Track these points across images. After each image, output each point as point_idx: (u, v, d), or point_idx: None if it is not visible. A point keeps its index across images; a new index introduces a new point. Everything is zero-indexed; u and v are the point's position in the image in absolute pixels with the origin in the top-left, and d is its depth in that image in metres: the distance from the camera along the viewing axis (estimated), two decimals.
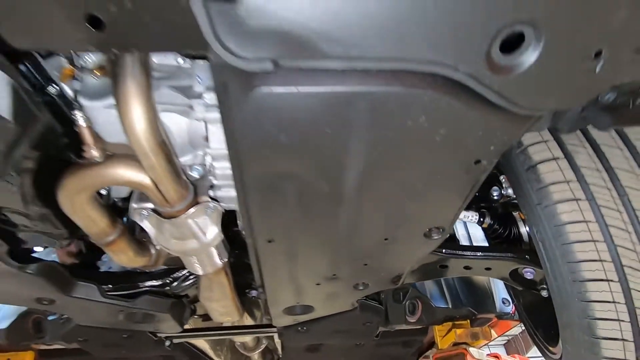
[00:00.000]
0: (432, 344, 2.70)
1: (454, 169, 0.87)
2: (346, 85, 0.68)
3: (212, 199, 1.10)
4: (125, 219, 1.23)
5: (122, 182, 0.94)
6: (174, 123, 0.99)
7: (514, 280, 1.43)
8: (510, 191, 1.38)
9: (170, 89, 0.93)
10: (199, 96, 0.91)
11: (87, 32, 0.60)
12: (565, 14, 0.59)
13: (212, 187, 1.11)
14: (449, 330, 2.12)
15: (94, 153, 0.90)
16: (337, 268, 1.27)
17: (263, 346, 2.74)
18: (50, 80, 0.86)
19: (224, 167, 1.02)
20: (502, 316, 2.14)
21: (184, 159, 1.06)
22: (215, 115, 0.92)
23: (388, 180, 0.89)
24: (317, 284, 1.37)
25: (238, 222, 1.31)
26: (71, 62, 0.89)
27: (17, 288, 1.23)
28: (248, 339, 2.42)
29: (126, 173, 0.92)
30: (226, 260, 1.35)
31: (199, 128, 1.06)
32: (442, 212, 1.04)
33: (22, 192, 0.91)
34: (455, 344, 2.17)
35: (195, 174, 1.09)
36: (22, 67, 0.73)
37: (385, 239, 1.12)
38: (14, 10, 0.57)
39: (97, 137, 0.90)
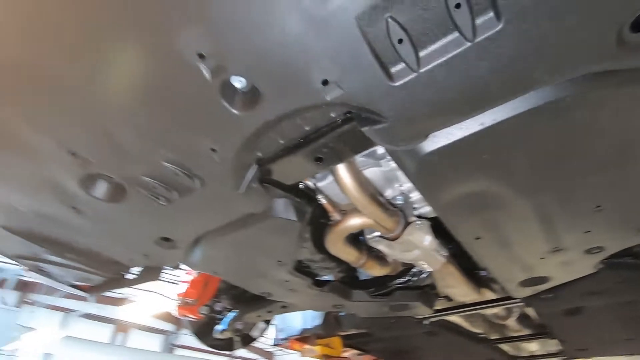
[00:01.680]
0: None
1: None
2: (486, 123, 0.85)
3: (418, 216, 1.42)
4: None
5: (357, 227, 1.38)
6: (372, 175, 1.37)
7: None
8: None
9: (361, 157, 1.31)
10: (383, 157, 1.24)
11: (314, 166, 1.04)
12: None
13: (414, 208, 1.43)
14: None
15: (337, 216, 1.38)
16: (556, 242, 1.32)
17: (516, 314, 2.80)
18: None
19: (418, 194, 1.31)
20: None
21: (387, 194, 1.43)
22: None
23: (565, 165, 0.95)
24: (542, 258, 1.44)
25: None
26: None
27: (321, 301, 1.92)
28: (497, 310, 2.57)
29: (357, 221, 1.36)
30: (446, 254, 1.63)
31: (390, 172, 1.40)
32: None
33: (309, 249, 1.50)
34: None
35: (399, 202, 1.44)
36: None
37: (597, 207, 1.12)
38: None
39: (334, 205, 1.38)
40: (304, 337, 3.04)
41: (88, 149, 0.95)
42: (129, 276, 1.68)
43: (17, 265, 1.55)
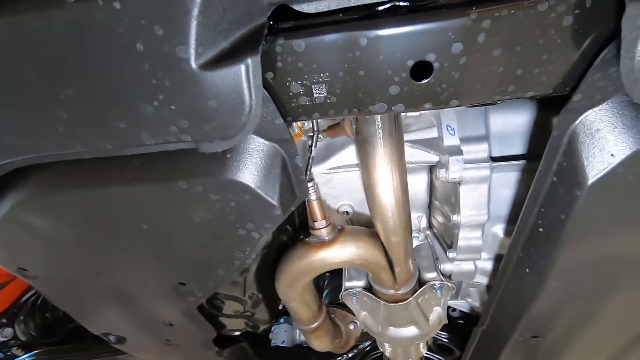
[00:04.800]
0: None
1: None
2: None
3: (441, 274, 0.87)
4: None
5: (355, 263, 0.76)
6: None
7: None
8: None
9: (410, 145, 0.75)
10: (454, 151, 0.70)
11: (406, 85, 0.44)
12: None
13: (437, 259, 0.89)
14: None
15: (323, 232, 0.74)
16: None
17: None
18: None
19: (470, 237, 0.78)
20: None
21: None
22: (474, 174, 0.70)
23: None
24: None
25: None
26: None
27: None
28: None
29: (360, 252, 0.74)
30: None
31: (424, 190, 0.86)
32: None
33: (246, 280, 0.80)
34: None
35: (416, 242, 0.89)
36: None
37: None
38: None
39: (324, 211, 0.75)
40: None
41: None
42: None
43: None
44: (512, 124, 0.72)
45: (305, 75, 0.44)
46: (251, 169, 0.51)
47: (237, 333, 1.04)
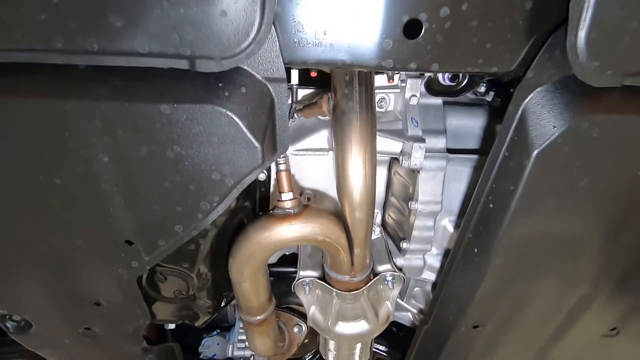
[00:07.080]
0: None
1: None
2: None
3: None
4: None
5: (317, 240, 0.76)
6: None
7: None
8: None
9: (377, 133, 0.81)
10: (417, 140, 0.77)
11: (398, 41, 0.49)
12: None
13: (390, 252, 0.92)
14: None
15: (289, 203, 0.74)
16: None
17: None
18: None
19: (424, 227, 0.83)
20: None
21: None
22: (432, 163, 0.77)
23: None
24: None
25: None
26: None
27: None
28: None
29: (323, 228, 0.74)
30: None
31: (381, 186, 0.91)
32: None
33: (200, 249, 0.74)
34: None
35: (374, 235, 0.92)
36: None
37: None
38: None
39: (293, 185, 0.76)
40: None
41: None
42: None
43: None
44: (464, 125, 0.82)
45: (312, 15, 0.47)
46: (241, 103, 0.51)
47: (172, 326, 0.93)
